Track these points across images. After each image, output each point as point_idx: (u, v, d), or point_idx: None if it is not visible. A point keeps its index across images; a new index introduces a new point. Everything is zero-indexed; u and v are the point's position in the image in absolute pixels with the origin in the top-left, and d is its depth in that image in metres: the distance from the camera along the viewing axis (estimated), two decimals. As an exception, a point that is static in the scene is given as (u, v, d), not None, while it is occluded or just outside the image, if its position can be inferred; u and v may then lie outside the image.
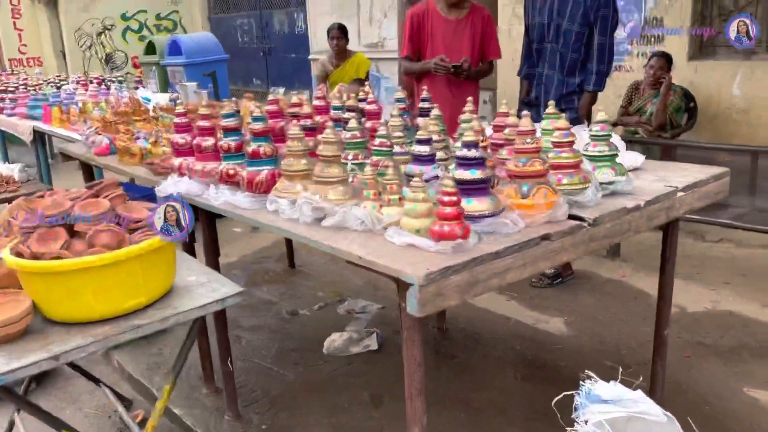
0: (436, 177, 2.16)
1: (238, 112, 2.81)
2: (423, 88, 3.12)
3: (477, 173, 1.97)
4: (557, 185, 2.17)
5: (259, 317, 4.35)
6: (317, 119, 2.87)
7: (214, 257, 2.98)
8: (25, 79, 7.38)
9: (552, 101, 2.62)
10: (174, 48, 8.50)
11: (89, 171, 4.14)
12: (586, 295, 4.45)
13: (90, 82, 6.50)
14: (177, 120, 2.84)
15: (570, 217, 2.12)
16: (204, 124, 2.72)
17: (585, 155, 2.34)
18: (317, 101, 3.11)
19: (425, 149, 2.19)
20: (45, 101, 6.07)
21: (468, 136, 1.98)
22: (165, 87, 8.42)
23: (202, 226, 2.93)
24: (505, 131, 2.40)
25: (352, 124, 2.48)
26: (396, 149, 2.42)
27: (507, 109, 2.63)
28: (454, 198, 1.85)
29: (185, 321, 2.15)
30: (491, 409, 3.16)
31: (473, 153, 1.97)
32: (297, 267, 5.20)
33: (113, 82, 7.02)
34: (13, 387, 2.53)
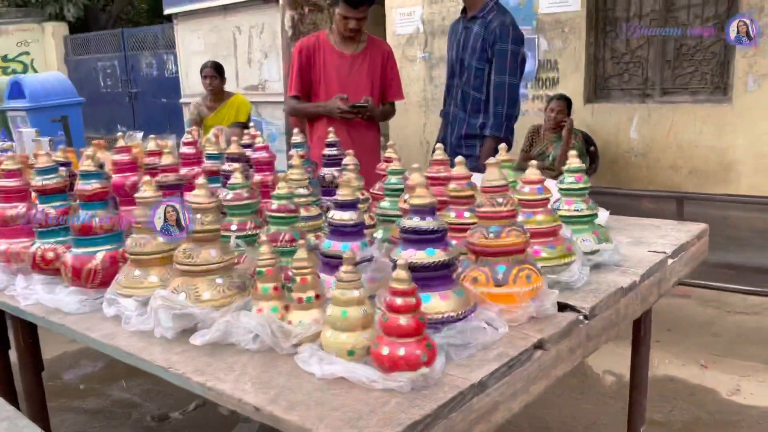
0: (368, 260, 1.44)
1: (65, 165, 1.96)
2: (330, 130, 2.42)
3: (437, 254, 1.27)
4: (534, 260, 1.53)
5: (115, 428, 3.36)
6: (183, 172, 2.08)
7: (32, 374, 2.05)
8: None
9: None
10: (16, 90, 7.28)
11: None
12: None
13: None
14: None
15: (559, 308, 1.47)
16: (11, 184, 1.84)
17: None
18: (186, 148, 2.32)
19: (349, 216, 1.47)
20: None
21: (419, 196, 1.29)
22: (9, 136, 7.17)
23: (13, 328, 2.01)
24: (450, 186, 1.73)
25: (236, 178, 1.71)
26: (302, 213, 1.69)
27: (442, 156, 1.99)
28: (411, 299, 1.13)
29: None
30: None
31: (430, 223, 1.27)
32: (167, 351, 4.23)
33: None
34: None
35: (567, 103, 5.59)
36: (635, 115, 5.82)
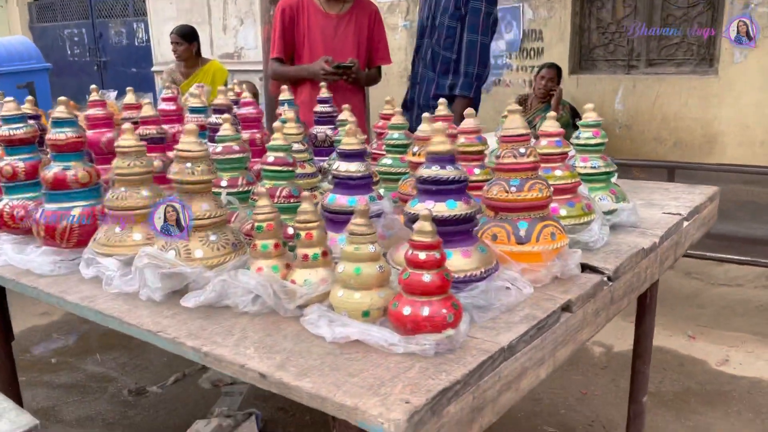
0: (377, 215, 1.31)
1: (34, 118, 1.78)
2: (321, 85, 2.26)
3: (459, 206, 1.15)
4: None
5: (90, 402, 3.21)
6: (166, 129, 1.91)
7: (1, 343, 1.89)
8: None
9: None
10: (-24, 54, 6.91)
11: None
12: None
13: None
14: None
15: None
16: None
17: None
18: (165, 104, 2.15)
19: (356, 167, 1.33)
20: None
21: (439, 143, 1.16)
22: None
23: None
24: (460, 140, 1.60)
25: (225, 130, 1.56)
26: (298, 171, 1.54)
27: (446, 112, 1.86)
28: (436, 254, 1.01)
29: None
30: None
31: (451, 172, 1.14)
32: (143, 324, 4.06)
33: None
34: None
35: (557, 72, 5.49)
36: (620, 87, 5.75)
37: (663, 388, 3.27)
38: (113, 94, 2.83)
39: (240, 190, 1.57)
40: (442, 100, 1.81)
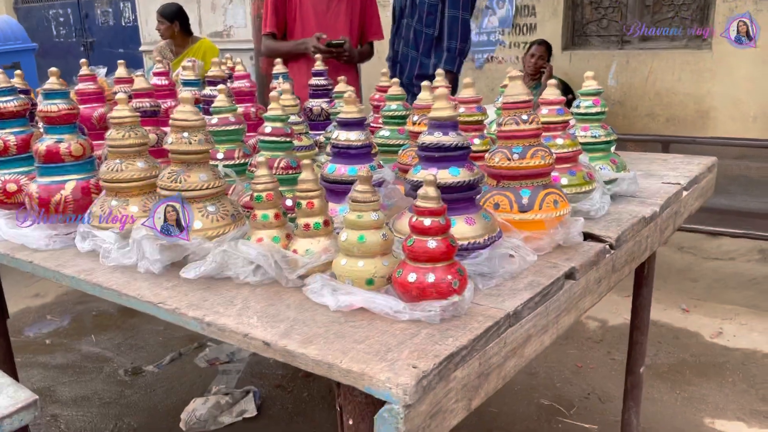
0: (378, 184, 1.29)
1: (25, 92, 1.74)
2: (317, 57, 2.23)
3: (462, 173, 1.13)
4: (555, 188, 1.40)
5: (86, 382, 3.20)
6: (160, 103, 1.88)
7: (-4, 323, 1.87)
8: None
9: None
10: (-39, 34, 6.79)
11: None
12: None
13: None
14: None
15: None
16: (-38, 108, 1.61)
17: (576, 143, 1.59)
18: (157, 79, 2.11)
19: (356, 136, 1.31)
20: None
21: (441, 108, 1.14)
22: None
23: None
24: (459, 110, 1.58)
25: (221, 101, 1.53)
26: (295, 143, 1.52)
27: (444, 83, 1.83)
28: (440, 220, 0.99)
29: None
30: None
31: (454, 138, 1.13)
32: (137, 305, 4.04)
33: None
34: None
35: (547, 48, 5.45)
36: (613, 62, 5.73)
37: (658, 360, 3.30)
38: (103, 70, 2.77)
39: (237, 162, 1.55)
40: (425, 83, 1.76)
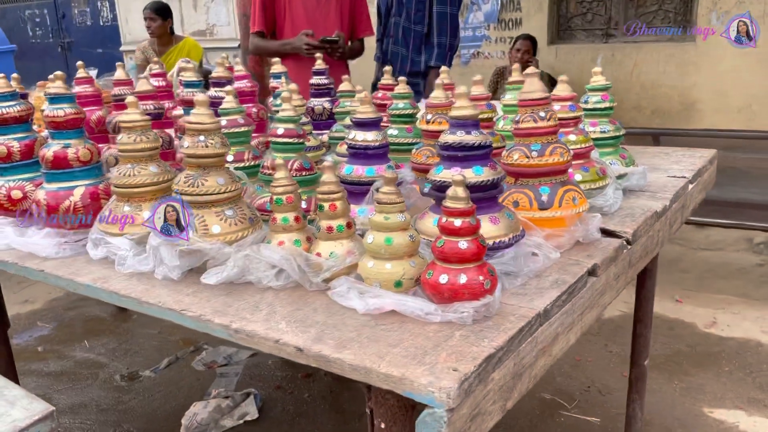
0: (397, 184, 1.28)
1: (23, 96, 1.71)
2: (318, 56, 2.21)
3: (486, 172, 1.12)
4: (569, 185, 1.40)
5: (82, 389, 3.15)
6: (163, 104, 1.85)
7: (-2, 333, 1.83)
8: None
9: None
10: (-64, 36, 6.65)
11: None
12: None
13: None
14: None
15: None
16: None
17: (586, 139, 1.59)
18: (156, 80, 2.08)
19: (374, 136, 1.29)
20: None
21: (462, 107, 1.13)
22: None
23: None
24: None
25: (229, 102, 1.50)
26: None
27: (449, 81, 1.83)
28: (471, 220, 0.99)
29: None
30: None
31: (476, 137, 1.12)
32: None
33: None
34: None
35: (532, 43, 5.48)
36: (599, 56, 5.76)
37: (654, 351, 3.32)
38: (94, 72, 2.73)
39: (247, 164, 1.53)
40: (438, 80, 1.74)
